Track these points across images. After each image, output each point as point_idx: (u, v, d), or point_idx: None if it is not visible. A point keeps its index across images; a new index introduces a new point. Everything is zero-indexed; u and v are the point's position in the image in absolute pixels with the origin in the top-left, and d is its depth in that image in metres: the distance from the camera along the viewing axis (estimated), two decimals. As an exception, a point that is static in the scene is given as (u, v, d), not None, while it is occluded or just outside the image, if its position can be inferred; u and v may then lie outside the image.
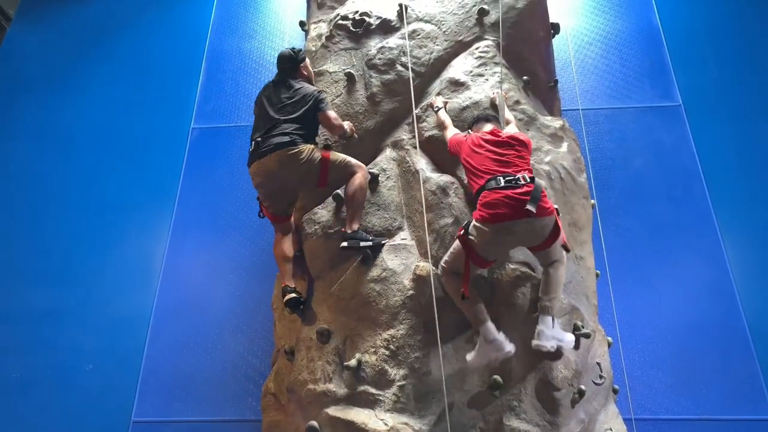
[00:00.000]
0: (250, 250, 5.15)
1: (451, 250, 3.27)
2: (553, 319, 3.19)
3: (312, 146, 3.67)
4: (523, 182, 3.04)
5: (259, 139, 3.67)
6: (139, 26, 6.84)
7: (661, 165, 5.27)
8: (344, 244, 3.50)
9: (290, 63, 3.94)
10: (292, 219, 3.99)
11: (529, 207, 2.92)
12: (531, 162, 3.38)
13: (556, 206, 3.19)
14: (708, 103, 5.61)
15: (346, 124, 3.99)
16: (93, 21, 6.93)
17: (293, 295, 3.70)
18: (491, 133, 3.40)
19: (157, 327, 4.95)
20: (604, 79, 5.81)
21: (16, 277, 5.35)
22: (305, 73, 4.01)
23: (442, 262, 3.31)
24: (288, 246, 3.89)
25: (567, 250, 3.27)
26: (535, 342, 3.15)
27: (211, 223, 5.36)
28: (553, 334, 3.16)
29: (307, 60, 4.07)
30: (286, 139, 3.59)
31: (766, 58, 5.83)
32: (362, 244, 3.52)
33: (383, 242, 3.62)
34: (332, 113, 3.79)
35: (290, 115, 3.68)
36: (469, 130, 3.64)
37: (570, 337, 3.25)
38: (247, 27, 6.65)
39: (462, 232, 3.14)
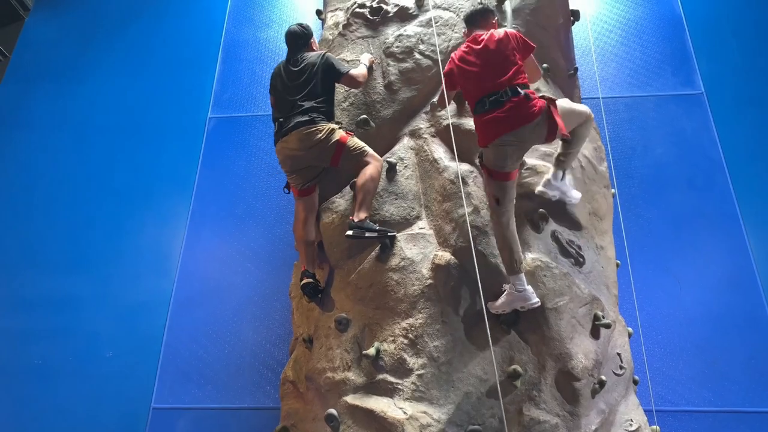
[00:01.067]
0: (268, 239, 5.17)
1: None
2: (563, 173, 3.47)
3: (331, 126, 3.70)
4: (505, 98, 3.12)
5: (282, 119, 3.74)
6: (156, 16, 6.86)
7: (683, 154, 5.20)
8: (349, 232, 3.46)
9: (302, 39, 3.99)
10: (316, 194, 3.96)
11: (532, 110, 3.08)
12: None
13: (547, 95, 3.27)
14: (730, 91, 5.51)
15: (368, 59, 4.10)
16: (110, 11, 6.97)
17: (310, 280, 3.70)
18: (472, 41, 3.38)
19: (175, 315, 5.00)
20: (625, 67, 5.72)
21: (36, 265, 5.42)
22: (314, 48, 4.05)
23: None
24: (311, 229, 3.89)
25: (567, 140, 3.38)
26: (539, 188, 3.48)
27: (229, 211, 5.39)
28: (559, 186, 3.47)
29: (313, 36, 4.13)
30: (306, 117, 3.66)
31: (790, 45, 5.71)
32: (368, 234, 3.46)
33: (390, 233, 3.56)
34: (354, 71, 3.87)
35: (304, 92, 3.73)
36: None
37: (576, 194, 3.50)
38: (263, 16, 6.64)
39: (479, 161, 3.35)
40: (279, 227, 5.13)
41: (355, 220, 3.50)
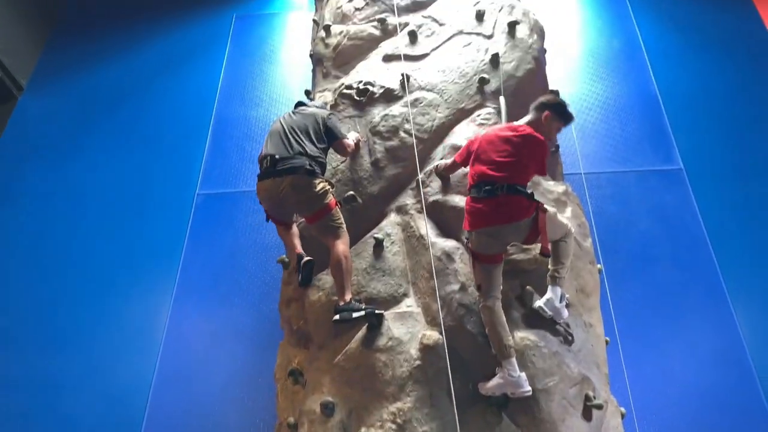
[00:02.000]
0: (254, 317, 5.10)
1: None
2: (562, 294, 3.41)
3: (327, 187, 3.69)
4: (500, 192, 3.19)
5: (277, 157, 3.63)
6: (148, 94, 7.04)
7: (666, 228, 5.28)
8: (336, 317, 3.39)
9: (307, 95, 4.23)
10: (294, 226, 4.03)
11: (517, 214, 3.17)
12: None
13: (538, 201, 3.29)
14: (709, 167, 5.68)
15: (354, 137, 4.19)
16: (102, 89, 7.16)
17: (310, 258, 3.74)
18: (508, 128, 3.44)
19: (157, 396, 4.86)
20: (605, 144, 5.89)
21: (16, 343, 5.30)
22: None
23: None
24: (293, 229, 3.97)
25: (545, 256, 3.31)
26: (538, 303, 3.40)
27: (214, 289, 5.34)
28: (557, 306, 3.37)
29: None
30: (308, 165, 3.60)
31: (763, 119, 5.92)
32: (354, 315, 3.38)
33: (377, 312, 3.49)
34: (348, 140, 3.97)
35: (308, 136, 3.75)
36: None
37: (565, 314, 3.42)
38: (253, 95, 6.83)
39: (466, 241, 3.41)
40: (265, 305, 5.07)
41: (341, 303, 3.44)
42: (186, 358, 5.01)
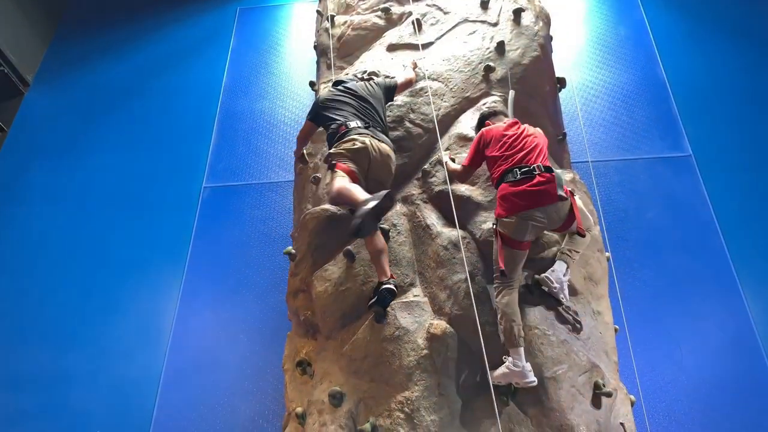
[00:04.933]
0: (261, 309, 5.11)
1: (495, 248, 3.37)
2: (567, 269, 3.44)
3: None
4: (537, 172, 3.22)
5: (368, 122, 3.76)
6: (153, 89, 7.04)
7: (675, 216, 5.23)
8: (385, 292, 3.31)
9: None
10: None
11: (560, 193, 3.19)
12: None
13: (570, 190, 3.38)
14: (718, 153, 5.61)
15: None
16: (108, 85, 7.16)
17: (391, 286, 3.32)
18: (513, 125, 3.56)
19: (166, 389, 4.87)
20: (613, 131, 5.83)
21: (27, 341, 5.32)
22: None
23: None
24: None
25: (582, 235, 3.43)
26: (544, 274, 3.41)
27: (222, 282, 5.34)
28: (561, 280, 3.40)
29: None
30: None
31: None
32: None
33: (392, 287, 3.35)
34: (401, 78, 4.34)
35: (378, 112, 3.90)
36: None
37: (566, 291, 3.43)
38: (258, 88, 6.82)
39: (495, 227, 3.34)
40: (272, 296, 5.07)
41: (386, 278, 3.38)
42: (194, 349, 5.02)
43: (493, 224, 3.40)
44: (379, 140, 3.68)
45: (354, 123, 3.72)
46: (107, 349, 5.16)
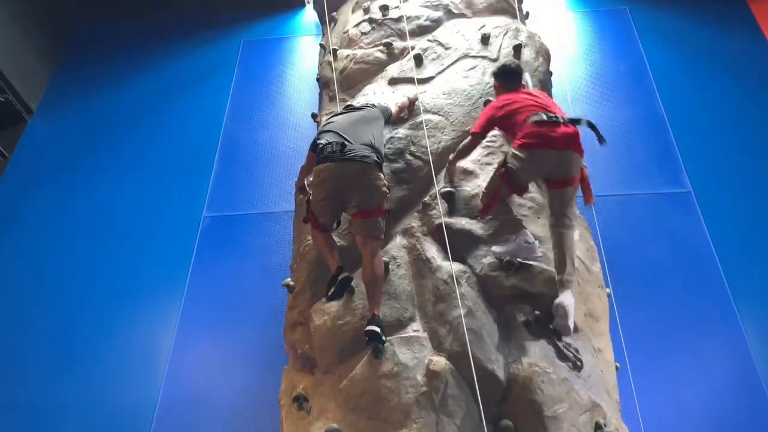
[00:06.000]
0: (258, 342, 5.05)
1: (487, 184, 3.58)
2: (573, 296, 3.38)
3: (386, 187, 3.71)
4: (562, 121, 3.34)
5: (346, 140, 3.63)
6: (156, 118, 7.10)
7: (676, 252, 5.21)
8: (373, 328, 3.34)
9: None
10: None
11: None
12: None
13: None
14: (718, 189, 5.62)
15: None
16: (111, 113, 7.22)
17: (349, 274, 3.47)
18: (524, 91, 3.69)
19: (160, 421, 4.79)
20: (612, 167, 5.84)
21: (20, 369, 5.25)
22: None
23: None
24: (331, 240, 3.75)
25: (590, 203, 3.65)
26: (557, 301, 3.32)
27: (219, 312, 5.31)
28: (570, 312, 3.32)
29: None
30: (375, 158, 3.65)
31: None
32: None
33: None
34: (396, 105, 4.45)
35: (369, 129, 3.84)
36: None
37: (572, 324, 3.36)
38: (260, 118, 6.87)
39: (502, 163, 3.42)
40: (270, 329, 5.01)
41: (375, 315, 3.42)
42: (190, 381, 4.95)
43: (501, 163, 3.47)
44: (347, 159, 3.56)
45: (329, 147, 3.63)
46: (102, 377, 5.09)
